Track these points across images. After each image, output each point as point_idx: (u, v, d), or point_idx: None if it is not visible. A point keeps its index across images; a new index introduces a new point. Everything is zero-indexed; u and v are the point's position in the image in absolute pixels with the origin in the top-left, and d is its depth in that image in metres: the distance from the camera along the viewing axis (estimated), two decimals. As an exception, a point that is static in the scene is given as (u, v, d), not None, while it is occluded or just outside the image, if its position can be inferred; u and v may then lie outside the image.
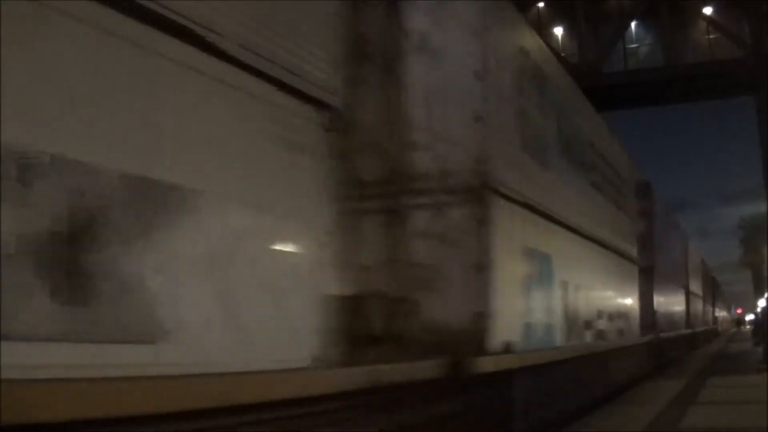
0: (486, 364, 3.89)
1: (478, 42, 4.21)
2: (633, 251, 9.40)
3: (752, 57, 24.30)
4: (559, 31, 27.48)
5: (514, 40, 5.03)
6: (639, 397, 8.35)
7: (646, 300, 10.23)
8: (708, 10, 26.25)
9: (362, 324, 3.24)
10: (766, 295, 29.34)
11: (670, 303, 14.26)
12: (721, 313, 47.53)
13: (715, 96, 29.18)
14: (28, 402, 1.62)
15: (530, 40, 5.49)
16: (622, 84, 25.74)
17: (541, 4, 27.06)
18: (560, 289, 5.65)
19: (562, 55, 26.10)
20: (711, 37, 25.98)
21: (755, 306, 40.57)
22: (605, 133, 8.50)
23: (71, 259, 1.80)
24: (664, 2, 25.88)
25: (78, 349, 1.80)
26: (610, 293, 7.96)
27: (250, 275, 2.42)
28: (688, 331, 17.31)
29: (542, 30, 25.83)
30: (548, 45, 24.92)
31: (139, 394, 1.90)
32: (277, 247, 2.61)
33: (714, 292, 32.23)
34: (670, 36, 25.81)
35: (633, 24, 27.10)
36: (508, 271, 4.41)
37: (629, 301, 9.06)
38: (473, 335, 3.91)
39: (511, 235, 4.50)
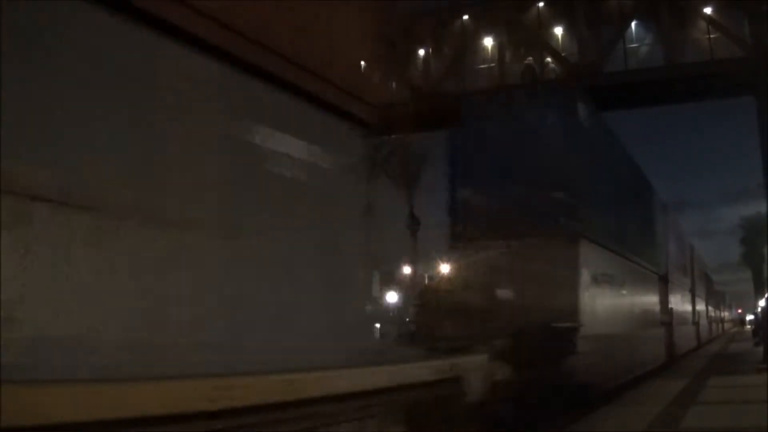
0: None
1: None
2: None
3: (752, 57, 24.28)
4: (559, 31, 27.46)
5: None
6: (639, 397, 8.36)
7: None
8: (708, 10, 26.24)
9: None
10: (766, 296, 29.34)
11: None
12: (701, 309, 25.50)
13: (715, 96, 29.13)
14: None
15: None
16: (622, 84, 25.71)
17: (541, 4, 27.04)
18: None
19: (563, 55, 26.14)
20: (711, 36, 25.95)
21: (755, 306, 40.56)
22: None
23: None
24: (664, 2, 25.86)
25: None
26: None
27: None
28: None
29: (542, 30, 25.84)
30: (548, 45, 24.97)
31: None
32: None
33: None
34: (670, 36, 25.79)
35: (633, 24, 27.09)
36: None
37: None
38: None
39: None
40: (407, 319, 12.53)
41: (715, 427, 5.92)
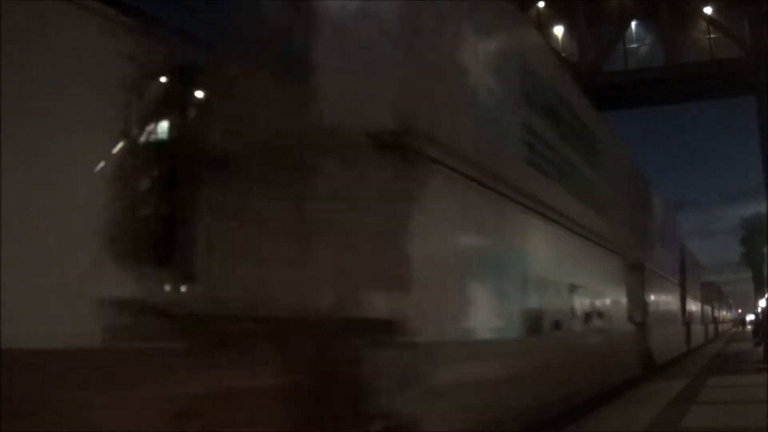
0: None
1: None
2: None
3: (752, 57, 24.29)
4: (559, 31, 27.47)
5: None
6: (639, 397, 8.35)
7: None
8: (708, 10, 26.25)
9: None
10: (766, 296, 29.35)
11: None
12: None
13: (715, 96, 29.16)
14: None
15: None
16: (623, 84, 25.72)
17: (541, 4, 27.04)
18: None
19: (563, 55, 26.14)
20: (711, 36, 25.96)
21: (755, 306, 40.57)
22: None
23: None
24: (664, 2, 25.87)
25: None
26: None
27: None
28: None
29: (542, 30, 25.84)
30: (548, 45, 24.95)
31: None
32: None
33: None
34: (670, 36, 25.80)
35: (633, 24, 27.09)
36: None
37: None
38: None
39: None
40: None
41: (715, 427, 5.91)
